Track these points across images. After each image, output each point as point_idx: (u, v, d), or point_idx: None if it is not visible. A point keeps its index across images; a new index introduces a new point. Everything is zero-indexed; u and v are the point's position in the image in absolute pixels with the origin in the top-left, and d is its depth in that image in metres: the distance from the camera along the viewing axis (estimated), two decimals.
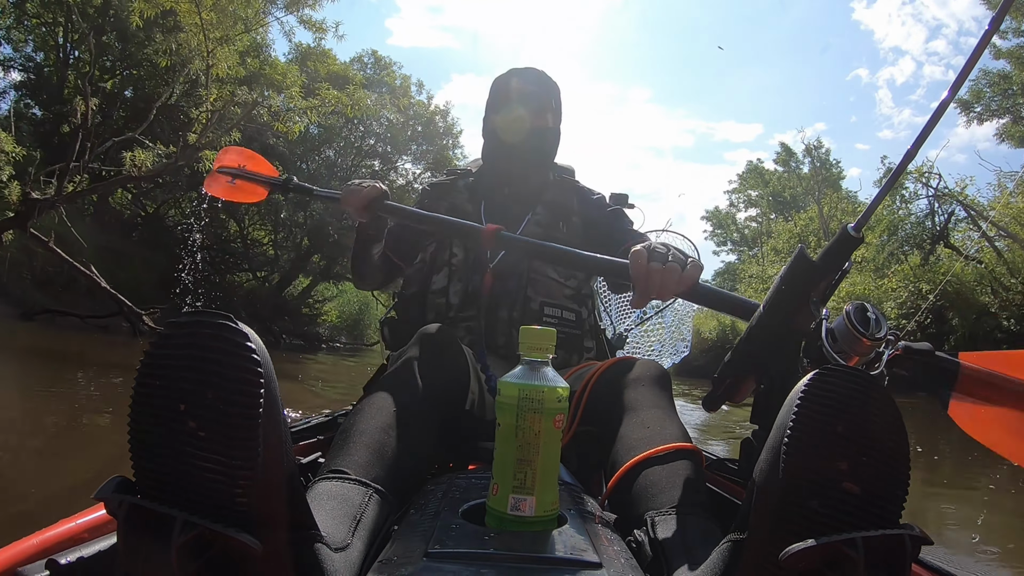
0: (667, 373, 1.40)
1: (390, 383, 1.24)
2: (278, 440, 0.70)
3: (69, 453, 3.81)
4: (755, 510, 0.76)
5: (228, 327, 0.67)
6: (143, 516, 0.64)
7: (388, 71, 21.72)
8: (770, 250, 28.84)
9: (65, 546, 0.91)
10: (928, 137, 1.06)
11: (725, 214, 39.57)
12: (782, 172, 34.30)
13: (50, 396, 5.61)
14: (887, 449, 0.71)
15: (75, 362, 8.50)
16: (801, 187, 31.88)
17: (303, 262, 22.34)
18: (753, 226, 37.31)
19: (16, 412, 5.03)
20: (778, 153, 34.56)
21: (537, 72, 1.89)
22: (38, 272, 13.77)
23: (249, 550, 0.64)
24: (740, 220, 39.08)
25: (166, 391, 0.65)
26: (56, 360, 8.50)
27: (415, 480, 1.15)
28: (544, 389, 0.87)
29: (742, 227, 38.61)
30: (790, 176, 33.56)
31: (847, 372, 0.73)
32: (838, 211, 24.17)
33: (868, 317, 1.10)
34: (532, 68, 1.89)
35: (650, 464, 1.14)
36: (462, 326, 1.74)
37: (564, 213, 1.90)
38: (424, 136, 21.90)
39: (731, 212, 39.44)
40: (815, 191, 29.17)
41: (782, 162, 34.29)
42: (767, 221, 34.79)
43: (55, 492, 3.05)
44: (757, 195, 36.92)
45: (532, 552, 0.80)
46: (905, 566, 0.68)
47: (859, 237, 1.11)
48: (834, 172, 32.46)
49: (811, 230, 24.97)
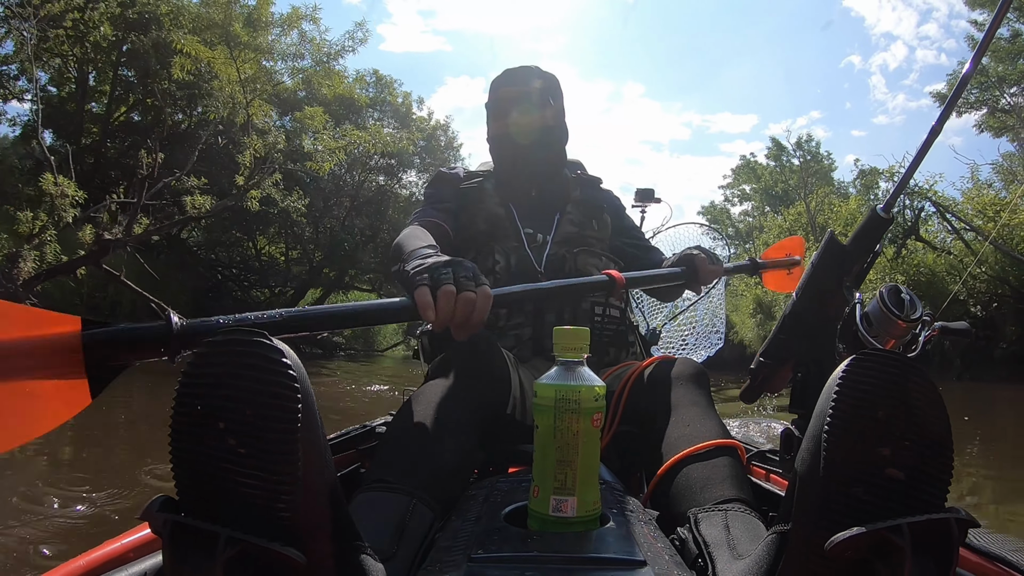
0: (704, 371, 1.39)
1: (431, 391, 1.25)
2: (318, 453, 0.71)
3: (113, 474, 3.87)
4: (798, 501, 0.75)
5: (263, 344, 0.68)
6: (187, 534, 0.64)
7: (390, 89, 23.34)
8: (762, 245, 29.27)
9: (112, 566, 0.92)
10: (951, 114, 1.05)
11: (720, 209, 39.68)
12: (773, 167, 34.48)
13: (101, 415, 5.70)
14: (929, 432, 0.70)
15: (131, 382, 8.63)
16: (793, 180, 32.19)
17: (316, 275, 23.22)
18: (749, 220, 37.44)
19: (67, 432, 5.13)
20: (769, 148, 34.80)
21: (530, 70, 1.87)
22: (86, 298, 14.46)
23: (293, 563, 0.65)
24: (735, 215, 39.27)
25: (204, 410, 0.66)
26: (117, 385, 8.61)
27: (458, 486, 1.15)
28: (581, 389, 0.86)
29: (736, 221, 38.69)
30: (782, 170, 33.81)
31: (885, 356, 0.72)
32: (826, 205, 24.58)
33: (902, 299, 1.09)
34: (525, 67, 1.87)
35: (691, 461, 1.13)
36: (511, 334, 1.70)
37: (595, 211, 1.90)
38: (427, 150, 23.06)
39: (725, 207, 39.67)
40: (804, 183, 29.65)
41: (773, 156, 34.47)
42: (760, 216, 35.03)
43: (102, 513, 3.10)
44: (751, 189, 37.05)
45: (575, 552, 0.79)
46: (952, 550, 0.67)
47: (889, 218, 1.10)
48: (824, 164, 32.78)
49: (800, 224, 25.38)
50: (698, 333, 2.89)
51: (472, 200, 1.88)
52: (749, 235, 34.82)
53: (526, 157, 1.86)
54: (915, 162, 1.16)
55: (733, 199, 38.79)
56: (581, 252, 1.80)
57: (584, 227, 1.85)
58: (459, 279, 1.16)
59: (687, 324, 2.93)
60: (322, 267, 22.89)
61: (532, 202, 1.87)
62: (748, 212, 38.03)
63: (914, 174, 1.22)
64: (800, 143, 32.52)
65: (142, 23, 15.67)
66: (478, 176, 1.94)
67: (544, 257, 1.78)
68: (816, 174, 31.17)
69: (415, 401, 1.22)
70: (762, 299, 21.43)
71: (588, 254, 1.80)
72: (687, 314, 2.90)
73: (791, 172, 32.87)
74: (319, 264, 22.86)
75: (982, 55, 1.12)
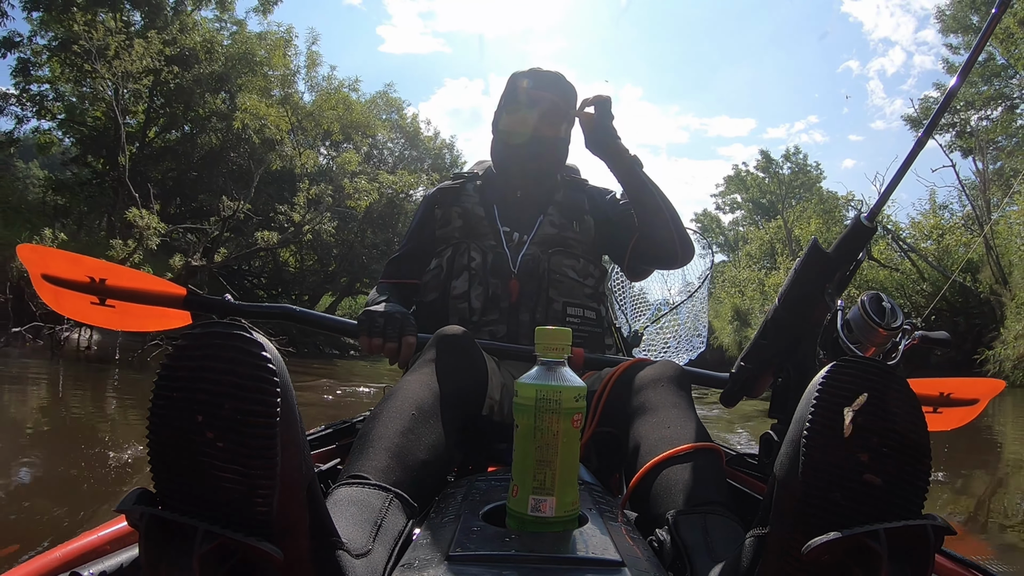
0: (686, 373, 1.40)
1: (409, 386, 1.24)
2: (296, 448, 0.70)
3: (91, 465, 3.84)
4: (776, 504, 0.75)
5: (242, 336, 0.67)
6: (165, 527, 0.64)
7: (400, 112, 26.09)
8: (744, 255, 30.77)
9: (88, 559, 0.91)
10: (937, 125, 1.06)
11: (712, 217, 40.42)
12: (762, 178, 35.14)
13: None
14: (907, 439, 0.70)
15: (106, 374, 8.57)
16: (781, 191, 33.12)
17: (330, 281, 24.62)
18: (739, 230, 38.27)
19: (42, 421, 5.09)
20: (758, 160, 35.56)
21: (556, 76, 1.86)
22: None
23: (271, 558, 0.64)
24: (725, 224, 40.10)
25: (183, 402, 0.65)
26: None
27: (435, 483, 1.15)
28: (561, 389, 0.86)
29: (726, 230, 39.48)
30: (770, 181, 34.49)
31: (865, 363, 0.72)
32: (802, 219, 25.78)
33: (883, 307, 1.10)
34: (553, 72, 1.86)
35: (671, 463, 1.13)
36: (485, 330, 1.74)
37: (576, 213, 1.90)
38: (434, 168, 24.87)
39: (717, 216, 40.42)
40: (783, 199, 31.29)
41: (762, 168, 35.12)
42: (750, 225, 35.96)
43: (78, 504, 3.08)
44: (743, 199, 37.75)
45: (553, 552, 0.79)
46: (928, 556, 0.67)
47: (872, 227, 1.11)
48: (812, 175, 33.62)
49: (779, 237, 26.90)
50: (680, 336, 2.90)
51: (451, 199, 1.91)
52: (738, 244, 35.49)
53: (526, 157, 1.87)
54: (899, 174, 1.17)
55: (724, 208, 39.45)
56: (556, 253, 1.82)
57: (564, 229, 1.86)
58: (385, 330, 1.55)
59: (669, 327, 2.94)
60: (336, 275, 24.32)
61: (516, 202, 1.89)
62: (737, 222, 38.84)
63: (897, 186, 1.23)
64: (788, 155, 33.55)
65: (182, 59, 18.40)
66: (462, 177, 1.98)
67: (520, 256, 1.80)
68: (802, 186, 32.27)
69: (392, 396, 1.22)
70: (740, 307, 22.64)
71: (564, 255, 1.83)
72: (669, 317, 2.91)
73: (779, 183, 33.59)
74: (334, 272, 24.27)
75: (968, 71, 1.12)
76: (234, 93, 19.23)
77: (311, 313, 1.74)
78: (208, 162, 19.91)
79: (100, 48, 15.45)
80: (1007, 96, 21.45)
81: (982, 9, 20.87)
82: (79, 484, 3.46)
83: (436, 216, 1.91)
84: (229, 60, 19.45)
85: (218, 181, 19.59)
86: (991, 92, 21.43)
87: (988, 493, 4.41)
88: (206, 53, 19.01)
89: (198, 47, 18.83)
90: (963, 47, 22.34)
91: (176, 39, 18.10)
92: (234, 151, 19.82)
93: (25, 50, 17.40)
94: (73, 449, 4.33)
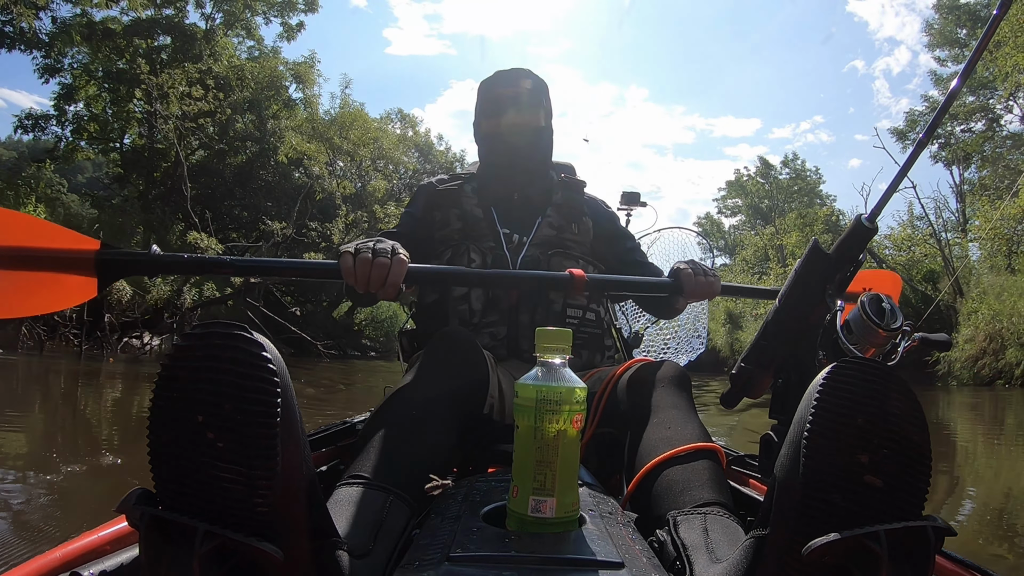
0: (686, 374, 1.39)
1: (409, 387, 1.24)
2: (296, 448, 0.70)
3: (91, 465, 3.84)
4: (777, 506, 0.75)
5: (243, 337, 0.67)
6: (165, 527, 0.64)
7: (414, 129, 29.13)
8: (740, 260, 31.52)
9: (88, 559, 0.91)
10: (937, 128, 1.06)
11: (714, 220, 40.97)
12: (761, 183, 35.64)
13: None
14: (908, 441, 0.70)
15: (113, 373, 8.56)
16: (779, 196, 33.98)
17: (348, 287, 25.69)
18: (739, 233, 38.59)
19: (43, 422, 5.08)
20: (757, 167, 36.12)
21: (522, 72, 1.88)
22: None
23: (271, 558, 0.64)
24: (726, 228, 40.51)
25: (183, 403, 0.65)
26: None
27: None
28: (562, 390, 0.86)
29: (727, 234, 39.89)
30: (770, 187, 35.08)
31: (865, 364, 0.72)
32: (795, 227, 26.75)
33: (883, 308, 1.09)
34: (517, 69, 1.88)
35: (671, 464, 1.13)
36: (485, 332, 1.73)
37: (575, 214, 1.90)
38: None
39: (719, 219, 40.93)
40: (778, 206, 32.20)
41: (761, 174, 35.68)
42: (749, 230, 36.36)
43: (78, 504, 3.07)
44: (743, 204, 38.19)
45: (553, 553, 0.79)
46: (928, 558, 0.67)
47: (873, 228, 1.10)
48: (810, 180, 34.26)
49: (773, 244, 27.75)
50: (680, 337, 2.90)
51: (449, 201, 1.90)
52: (737, 248, 35.79)
53: (518, 156, 1.87)
54: (899, 176, 1.17)
55: (726, 212, 39.88)
56: (556, 254, 1.82)
57: (563, 230, 1.86)
58: (376, 249, 1.41)
59: (669, 328, 2.94)
60: None
61: (514, 204, 1.88)
62: (737, 226, 39.18)
63: (897, 188, 1.23)
64: (787, 161, 34.25)
65: (219, 85, 20.54)
66: (459, 178, 1.97)
67: (520, 258, 1.80)
68: (800, 191, 33.02)
69: (393, 397, 1.22)
70: (732, 310, 22.98)
71: (564, 256, 1.82)
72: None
73: (778, 189, 34.28)
74: None
75: (969, 72, 1.12)
76: (265, 118, 21.54)
77: (258, 260, 1.50)
78: (241, 179, 21.92)
79: (161, 94, 18.48)
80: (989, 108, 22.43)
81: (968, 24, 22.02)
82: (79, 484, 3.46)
83: (435, 219, 1.90)
84: (258, 85, 21.50)
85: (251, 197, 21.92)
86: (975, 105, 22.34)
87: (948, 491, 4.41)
88: (237, 80, 21.05)
89: (230, 74, 20.91)
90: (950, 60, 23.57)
91: (211, 68, 20.37)
92: (263, 169, 21.96)
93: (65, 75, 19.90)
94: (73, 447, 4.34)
